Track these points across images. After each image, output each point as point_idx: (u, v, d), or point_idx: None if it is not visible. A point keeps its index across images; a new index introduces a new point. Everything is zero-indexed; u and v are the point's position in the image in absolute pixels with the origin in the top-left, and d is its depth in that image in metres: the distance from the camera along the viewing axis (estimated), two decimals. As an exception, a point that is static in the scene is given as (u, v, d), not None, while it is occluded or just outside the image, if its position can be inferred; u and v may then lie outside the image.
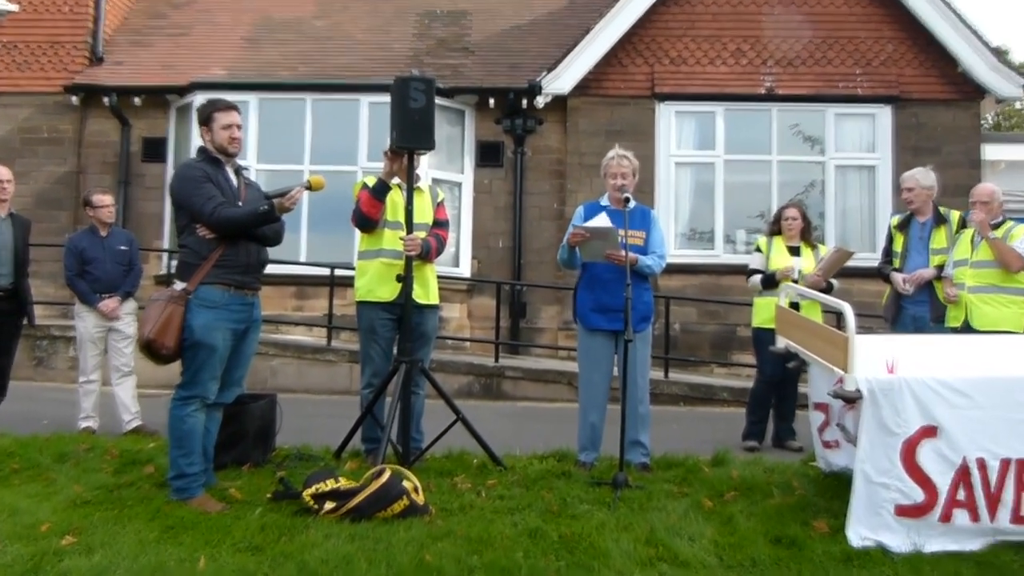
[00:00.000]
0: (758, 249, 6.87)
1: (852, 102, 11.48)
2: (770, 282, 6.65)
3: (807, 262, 6.72)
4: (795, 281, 6.48)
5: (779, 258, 6.73)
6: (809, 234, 6.91)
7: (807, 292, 5.45)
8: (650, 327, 5.38)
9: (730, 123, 11.60)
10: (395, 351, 5.19)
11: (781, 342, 5.11)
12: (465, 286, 11.50)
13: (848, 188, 11.60)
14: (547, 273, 11.51)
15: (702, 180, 11.67)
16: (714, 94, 11.55)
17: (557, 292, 11.37)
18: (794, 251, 6.78)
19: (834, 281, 6.69)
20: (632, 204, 5.24)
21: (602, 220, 5.07)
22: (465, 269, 11.69)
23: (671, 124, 11.66)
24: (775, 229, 6.91)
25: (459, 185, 11.82)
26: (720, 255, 11.46)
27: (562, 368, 9.83)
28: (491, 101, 11.62)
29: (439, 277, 5.52)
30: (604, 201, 5.46)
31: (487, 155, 11.85)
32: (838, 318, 6.10)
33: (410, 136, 4.90)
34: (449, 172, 11.71)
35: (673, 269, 11.09)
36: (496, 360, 10.09)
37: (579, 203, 6.79)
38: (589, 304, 5.30)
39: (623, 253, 5.00)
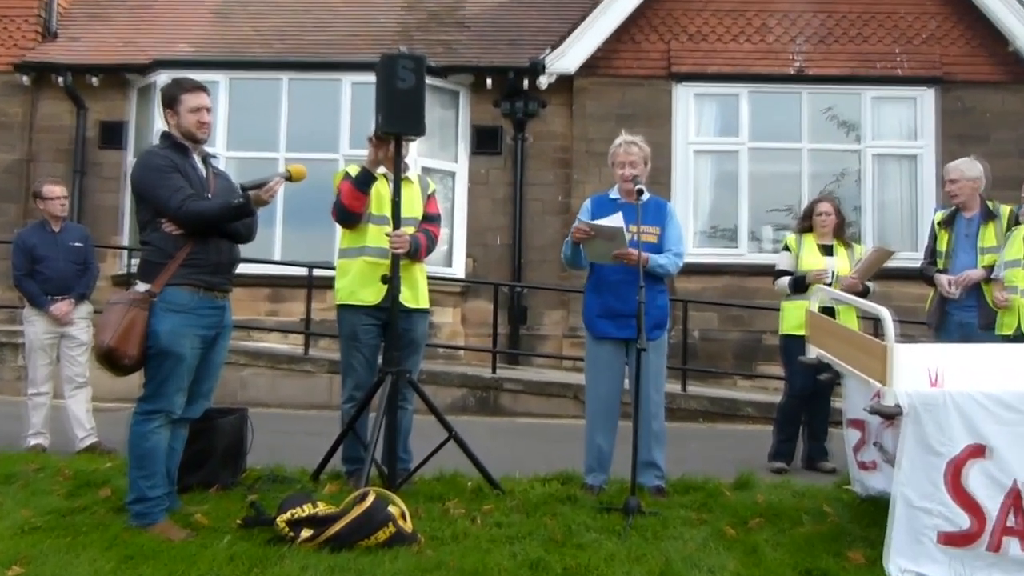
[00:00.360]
0: (787, 248, 6.90)
1: (892, 84, 11.54)
2: (800, 285, 6.66)
3: (841, 263, 6.73)
4: (828, 284, 6.50)
5: (810, 258, 6.75)
6: (844, 231, 6.93)
7: (841, 296, 5.45)
8: (665, 335, 5.40)
9: (756, 107, 11.64)
10: (380, 360, 5.18)
11: (812, 351, 5.11)
12: (459, 288, 11.50)
13: (887, 179, 11.65)
14: (550, 274, 11.53)
15: (724, 170, 11.70)
16: (738, 74, 11.58)
17: (561, 295, 11.38)
18: (827, 250, 6.79)
19: (871, 284, 6.70)
20: (646, 196, 5.25)
21: (615, 220, 5.08)
22: (459, 269, 11.70)
23: (689, 108, 11.68)
24: (806, 225, 6.92)
25: (452, 175, 11.83)
26: (744, 254, 11.48)
27: (567, 380, 9.85)
28: (488, 81, 11.62)
29: (429, 278, 5.56)
30: (613, 193, 5.49)
31: (484, 141, 11.87)
32: (876, 325, 6.11)
33: (398, 120, 4.91)
34: (441, 160, 11.72)
35: (691, 270, 11.01)
36: (493, 371, 10.12)
37: (587, 196, 6.81)
38: (596, 309, 5.32)
39: (633, 252, 5.02)
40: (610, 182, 5.62)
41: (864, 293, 6.56)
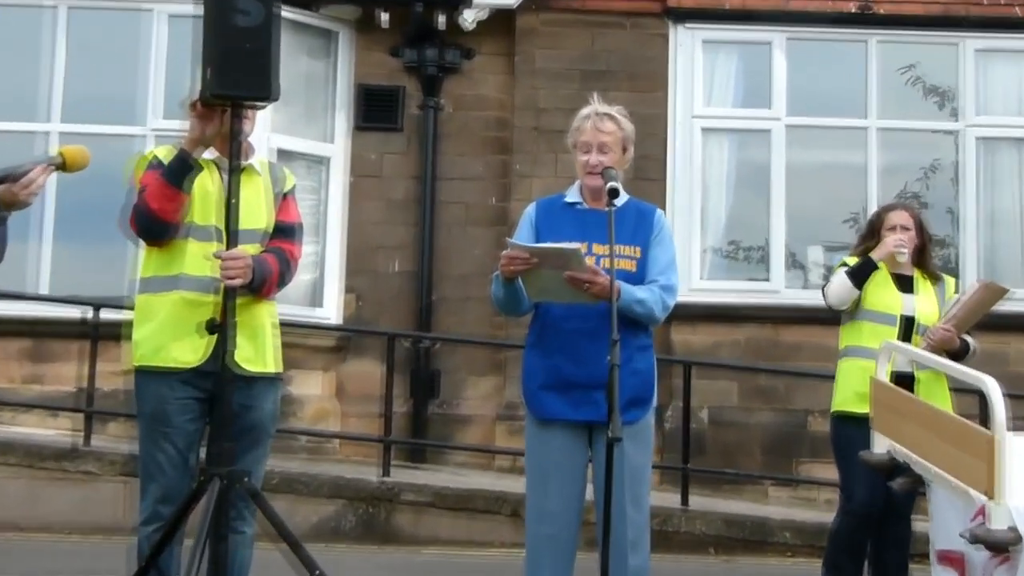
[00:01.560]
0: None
1: (1007, 29, 11.78)
2: (864, 268, 6.83)
3: (927, 304, 6.86)
4: (908, 288, 6.67)
5: (879, 295, 6.88)
6: (929, 257, 7.07)
7: (927, 357, 5.43)
8: (650, 416, 5.42)
9: (797, 62, 11.82)
10: (202, 456, 5.15)
11: (881, 444, 5.11)
12: (332, 341, 11.55)
13: (998, 175, 11.86)
14: (477, 318, 11.56)
15: (749, 159, 11.87)
16: (770, 11, 11.74)
17: (494, 353, 11.42)
18: (904, 284, 6.92)
19: (971, 339, 6.78)
20: (622, 199, 5.29)
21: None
22: (332, 310, 11.72)
23: (695, 62, 11.84)
24: (871, 246, 7.03)
25: (324, 162, 11.88)
26: (780, 290, 11.56)
27: (501, 488, 9.89)
28: (383, 17, 11.65)
29: (286, 325, 5.65)
30: (571, 195, 5.52)
31: (375, 111, 11.94)
32: (981, 403, 6.11)
33: (235, 76, 4.91)
34: (307, 140, 11.76)
35: (697, 314, 11.16)
36: (385, 473, 10.06)
37: (533, 197, 6.76)
38: (541, 376, 5.33)
39: (601, 275, 5.05)
40: (569, 177, 5.58)
41: (963, 352, 6.61)
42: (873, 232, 7.03)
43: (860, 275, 6.81)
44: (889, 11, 11.78)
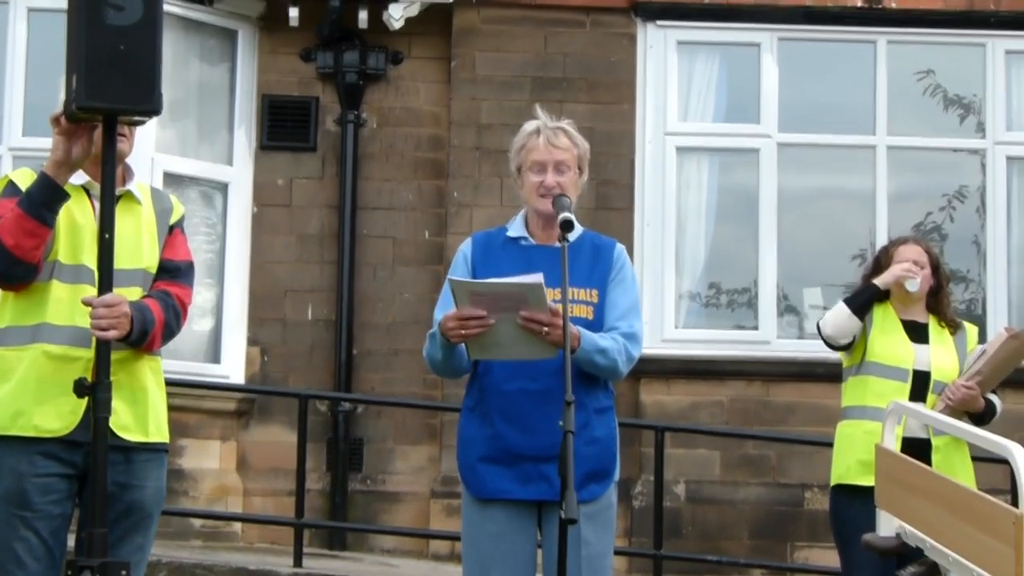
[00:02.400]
0: None
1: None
2: (865, 294, 6.96)
3: (945, 357, 6.93)
4: (922, 337, 6.75)
5: (887, 343, 6.96)
6: (946, 299, 7.14)
7: (943, 421, 5.51)
8: (612, 492, 5.46)
9: (791, 67, 11.92)
10: (71, 545, 5.11)
11: (888, 524, 5.16)
12: (233, 404, 11.51)
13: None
14: (408, 376, 11.61)
15: (734, 183, 11.96)
16: (758, 7, 11.86)
17: (428, 417, 11.46)
18: (917, 333, 7.00)
19: (996, 399, 6.88)
20: (577, 232, 5.31)
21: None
22: (233, 367, 11.71)
23: (669, 67, 11.90)
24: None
25: (222, 188, 11.88)
26: (771, 340, 11.64)
27: (438, 581, 9.81)
28: (292, 12, 11.61)
29: (174, 385, 5.52)
30: (516, 228, 5.60)
31: (283, 126, 11.99)
32: (1009, 477, 6.18)
33: (107, 86, 4.82)
34: (200, 161, 11.77)
35: (672, 369, 11.27)
36: (297, 562, 10.01)
37: (474, 230, 6.82)
38: (482, 447, 5.38)
39: (557, 317, 5.06)
40: (515, 204, 5.63)
41: (987, 414, 6.71)
42: (878, 270, 7.14)
43: (859, 300, 6.93)
44: (902, 5, 11.86)
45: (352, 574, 10.07)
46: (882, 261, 7.17)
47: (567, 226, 5.13)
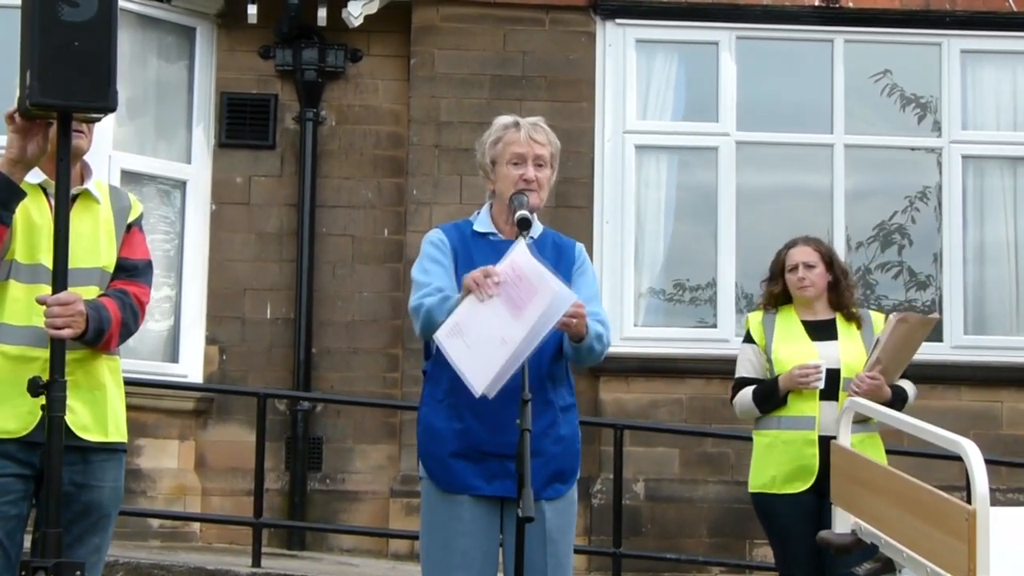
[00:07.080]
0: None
1: (998, 28, 11.97)
2: (772, 397, 6.99)
3: (852, 351, 7.06)
4: (828, 334, 6.99)
5: (790, 347, 7.09)
6: (848, 292, 7.27)
7: (897, 418, 5.54)
8: (573, 490, 5.50)
9: (749, 66, 12.00)
10: (27, 546, 5.09)
11: (844, 521, 5.18)
12: (191, 404, 11.51)
13: (987, 201, 12.06)
14: (367, 375, 11.66)
15: (692, 182, 12.06)
16: (716, 6, 11.93)
17: (388, 416, 11.46)
18: (823, 330, 7.13)
19: (908, 386, 7.05)
20: (537, 230, 5.41)
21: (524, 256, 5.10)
22: (191, 366, 11.71)
23: (628, 66, 11.98)
24: (777, 291, 7.34)
25: (180, 186, 11.87)
26: (730, 338, 11.52)
27: (396, 581, 9.72)
28: (251, 9, 11.60)
29: (136, 384, 5.51)
30: (483, 223, 5.62)
31: (242, 124, 12.03)
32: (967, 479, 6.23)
33: (62, 82, 4.84)
34: (158, 159, 11.77)
35: (631, 367, 11.32)
36: (256, 562, 9.99)
37: (433, 224, 6.81)
38: (452, 442, 5.38)
39: (583, 309, 5.14)
40: (477, 203, 5.64)
41: (896, 401, 6.82)
42: (777, 275, 7.31)
43: (767, 401, 6.98)
44: (859, 5, 11.93)
45: (311, 574, 10.07)
46: (778, 268, 7.32)
47: (524, 224, 5.22)
